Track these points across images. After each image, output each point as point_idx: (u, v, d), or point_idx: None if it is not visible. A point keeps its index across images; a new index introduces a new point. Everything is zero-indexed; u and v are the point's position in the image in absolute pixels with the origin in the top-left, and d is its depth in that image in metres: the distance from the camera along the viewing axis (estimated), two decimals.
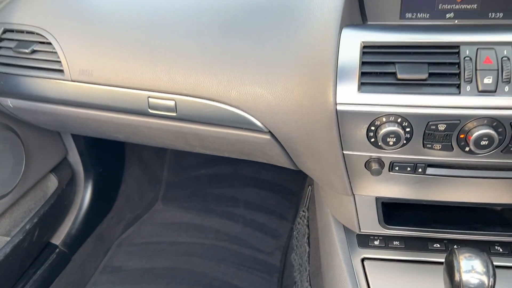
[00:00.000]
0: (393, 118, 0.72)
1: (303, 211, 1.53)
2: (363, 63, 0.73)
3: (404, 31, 0.76)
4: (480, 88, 0.69)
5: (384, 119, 0.73)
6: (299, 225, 1.54)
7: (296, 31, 0.80)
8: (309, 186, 1.53)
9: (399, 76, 0.71)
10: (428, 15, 0.85)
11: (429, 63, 0.72)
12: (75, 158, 1.52)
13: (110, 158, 1.73)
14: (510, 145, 0.72)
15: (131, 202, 1.84)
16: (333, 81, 0.72)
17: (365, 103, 0.72)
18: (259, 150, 0.94)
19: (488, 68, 0.70)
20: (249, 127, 0.86)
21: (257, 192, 1.89)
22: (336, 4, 0.76)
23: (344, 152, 0.79)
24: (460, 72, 0.70)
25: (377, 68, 0.73)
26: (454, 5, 0.84)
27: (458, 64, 0.71)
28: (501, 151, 0.73)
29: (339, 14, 0.75)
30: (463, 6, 0.83)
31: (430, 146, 0.74)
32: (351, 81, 0.72)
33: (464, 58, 0.71)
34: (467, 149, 0.73)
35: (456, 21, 0.85)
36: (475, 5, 0.83)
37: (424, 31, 0.75)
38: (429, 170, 0.79)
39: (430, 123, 0.71)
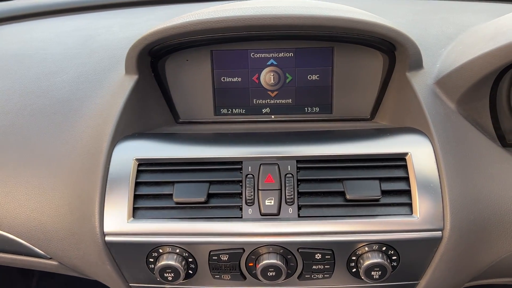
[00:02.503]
0: (171, 249, 0.61)
1: None
2: (137, 184, 0.62)
3: (186, 143, 0.66)
4: (262, 211, 0.60)
5: (161, 250, 0.62)
6: None
7: (74, 143, 0.68)
8: None
9: (175, 199, 0.61)
10: (244, 110, 0.78)
11: (210, 182, 0.62)
12: None
13: None
14: (304, 273, 0.63)
15: None
16: (98, 207, 0.61)
17: (138, 233, 0.61)
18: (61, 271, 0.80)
19: (270, 188, 0.61)
20: (30, 253, 0.72)
21: None
22: (114, 111, 0.66)
23: (131, 285, 0.67)
24: (242, 192, 0.61)
25: (154, 190, 0.63)
26: (269, 100, 0.77)
27: (241, 182, 0.62)
28: (298, 278, 0.64)
29: (113, 124, 0.65)
30: (278, 101, 0.77)
31: (219, 277, 0.64)
32: (121, 207, 0.61)
33: (246, 176, 0.62)
34: (260, 278, 0.63)
35: (272, 116, 0.78)
36: (290, 100, 0.77)
37: (208, 144, 0.66)
38: None
39: (212, 253, 0.61)
